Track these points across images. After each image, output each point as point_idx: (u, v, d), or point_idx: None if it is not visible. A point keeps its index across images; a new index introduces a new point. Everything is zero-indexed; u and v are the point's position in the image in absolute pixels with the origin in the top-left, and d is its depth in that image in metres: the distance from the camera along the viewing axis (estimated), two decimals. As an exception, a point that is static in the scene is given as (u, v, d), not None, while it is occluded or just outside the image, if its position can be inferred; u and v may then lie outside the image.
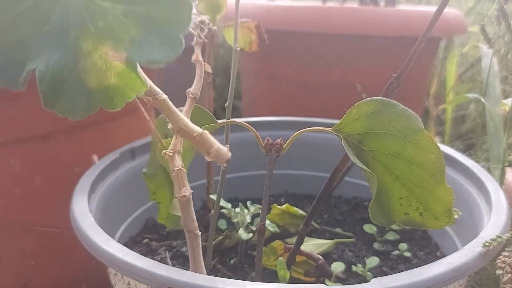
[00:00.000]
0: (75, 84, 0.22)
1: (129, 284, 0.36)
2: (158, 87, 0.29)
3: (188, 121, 0.29)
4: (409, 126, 0.33)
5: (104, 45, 0.21)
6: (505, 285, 0.35)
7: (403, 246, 0.52)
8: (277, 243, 0.47)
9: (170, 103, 0.29)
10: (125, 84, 0.22)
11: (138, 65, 0.22)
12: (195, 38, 0.38)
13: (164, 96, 0.28)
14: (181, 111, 0.31)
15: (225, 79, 1.17)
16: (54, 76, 0.21)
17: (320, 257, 0.46)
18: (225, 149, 0.30)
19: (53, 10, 0.21)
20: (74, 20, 0.21)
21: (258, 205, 0.51)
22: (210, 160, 0.31)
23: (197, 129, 0.29)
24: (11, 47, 0.21)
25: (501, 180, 0.57)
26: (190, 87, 0.35)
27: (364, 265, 0.48)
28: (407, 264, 0.50)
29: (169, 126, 0.30)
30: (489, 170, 0.57)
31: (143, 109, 0.31)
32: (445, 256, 0.36)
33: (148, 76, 0.25)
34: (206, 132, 0.30)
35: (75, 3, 0.21)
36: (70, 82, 0.22)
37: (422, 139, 0.33)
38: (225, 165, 0.33)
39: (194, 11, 0.45)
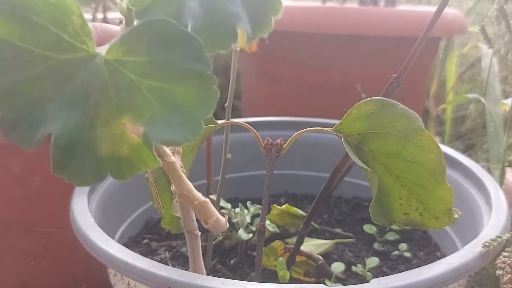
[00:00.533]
0: (87, 150, 0.21)
1: (128, 284, 0.36)
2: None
3: (192, 188, 0.29)
4: (409, 126, 0.33)
5: (123, 116, 0.21)
6: (505, 285, 0.35)
7: (403, 246, 0.52)
8: (277, 243, 0.47)
9: (177, 166, 0.29)
10: (137, 158, 0.22)
11: (152, 144, 0.22)
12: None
13: (172, 159, 0.28)
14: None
15: (225, 79, 1.17)
16: (68, 140, 0.21)
17: (320, 257, 0.46)
18: (223, 220, 0.30)
19: (79, 72, 0.21)
20: (98, 85, 0.21)
21: (258, 205, 0.51)
22: (207, 228, 0.31)
23: (199, 196, 0.30)
24: (29, 104, 0.21)
25: (501, 180, 0.57)
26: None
27: (364, 265, 0.48)
28: (407, 264, 0.50)
29: (173, 188, 0.30)
30: (489, 170, 0.57)
31: (148, 171, 0.30)
32: (445, 256, 0.36)
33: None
34: (207, 200, 0.30)
35: (102, 69, 0.21)
36: (82, 148, 0.21)
37: (423, 139, 0.33)
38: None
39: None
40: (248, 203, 0.52)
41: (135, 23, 0.25)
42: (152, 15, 0.23)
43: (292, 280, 0.45)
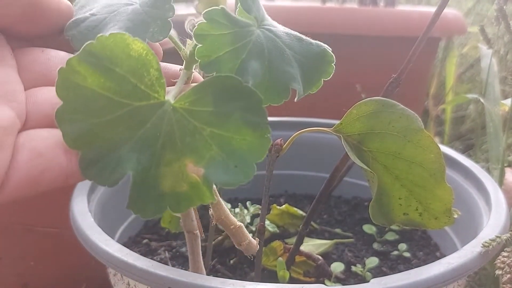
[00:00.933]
0: (151, 186, 0.24)
1: (128, 284, 0.36)
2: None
3: (229, 213, 0.32)
4: (409, 126, 0.33)
5: (186, 158, 0.24)
6: (504, 285, 0.35)
7: (403, 246, 0.52)
8: (276, 243, 0.47)
9: (217, 193, 0.31)
10: (194, 194, 0.24)
11: (212, 183, 0.24)
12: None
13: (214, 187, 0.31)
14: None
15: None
16: (140, 179, 0.24)
17: (320, 257, 0.46)
18: (255, 243, 0.33)
19: (150, 117, 0.23)
20: (165, 130, 0.24)
21: (257, 205, 0.51)
22: (240, 249, 0.34)
23: (235, 221, 0.32)
24: (106, 146, 0.23)
25: (501, 181, 0.57)
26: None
27: (363, 265, 0.49)
28: (407, 264, 0.50)
29: (210, 212, 0.33)
30: (488, 170, 0.57)
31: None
32: (444, 256, 0.36)
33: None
34: (242, 225, 0.33)
35: (169, 115, 0.24)
36: (148, 185, 0.24)
37: (422, 139, 0.33)
38: None
39: (193, 11, 0.45)
40: (247, 203, 0.52)
41: (194, 69, 0.28)
42: (216, 69, 0.26)
43: (292, 280, 0.45)
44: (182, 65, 0.29)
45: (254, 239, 0.35)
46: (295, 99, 0.30)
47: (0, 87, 0.24)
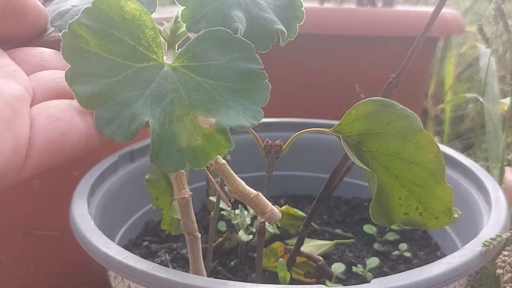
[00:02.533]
0: (169, 142, 0.24)
1: (129, 286, 0.36)
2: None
3: (244, 184, 0.33)
4: (408, 126, 0.33)
5: (195, 111, 0.25)
6: (505, 284, 0.35)
7: (403, 246, 0.52)
8: (277, 245, 0.47)
9: (228, 167, 0.32)
10: (209, 146, 0.25)
11: (227, 128, 0.25)
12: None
13: (223, 161, 0.32)
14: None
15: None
16: (159, 132, 0.24)
17: (320, 258, 0.46)
18: (276, 211, 0.33)
19: (154, 77, 0.25)
20: (170, 88, 0.25)
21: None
22: (263, 219, 0.33)
23: (253, 191, 0.33)
24: (119, 104, 0.24)
25: (500, 179, 0.57)
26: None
27: (364, 265, 0.48)
28: (408, 264, 0.50)
29: (226, 188, 0.33)
30: (488, 169, 0.57)
31: (207, 172, 0.33)
32: (445, 255, 0.36)
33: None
34: (260, 194, 0.33)
35: (171, 75, 0.25)
36: (165, 140, 0.24)
37: (422, 139, 0.33)
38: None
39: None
40: (248, 204, 0.52)
41: (176, 48, 0.29)
42: (204, 26, 0.27)
43: (293, 281, 0.45)
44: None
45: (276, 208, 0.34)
46: (281, 43, 0.31)
47: (1, 69, 0.24)
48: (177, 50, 0.29)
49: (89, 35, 0.24)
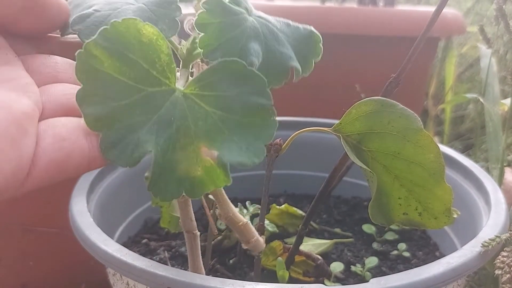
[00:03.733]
0: (169, 170, 0.24)
1: (128, 284, 0.36)
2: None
3: (236, 211, 0.33)
4: (409, 126, 0.33)
5: (199, 141, 0.24)
6: (504, 285, 0.35)
7: (402, 246, 0.52)
8: (276, 243, 0.47)
9: (223, 192, 0.32)
10: (208, 178, 0.25)
11: (228, 164, 0.25)
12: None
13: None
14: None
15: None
16: (160, 161, 0.24)
17: (319, 257, 0.46)
18: (261, 241, 0.34)
19: (164, 103, 0.25)
20: (179, 115, 0.25)
21: (257, 205, 0.51)
22: (247, 248, 0.34)
23: (242, 219, 0.33)
24: (125, 128, 0.24)
25: (500, 180, 0.57)
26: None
27: (363, 265, 0.49)
28: (406, 264, 0.50)
29: (217, 211, 0.33)
30: (488, 170, 0.57)
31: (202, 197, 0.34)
32: (444, 256, 0.36)
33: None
34: (249, 222, 0.33)
35: (181, 101, 0.25)
36: (166, 168, 0.24)
37: (422, 139, 0.33)
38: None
39: (192, 11, 0.45)
40: (247, 203, 0.52)
41: (191, 67, 0.29)
42: (220, 55, 0.27)
43: (291, 280, 0.45)
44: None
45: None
46: (294, 79, 0.31)
47: (12, 82, 0.24)
48: (191, 71, 0.29)
49: (104, 56, 0.24)
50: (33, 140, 0.23)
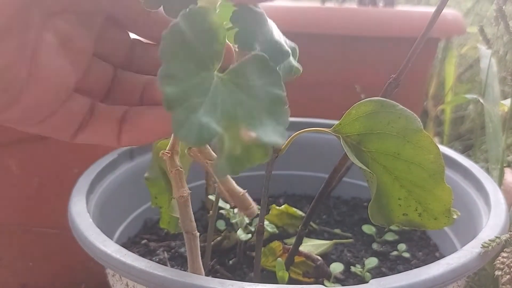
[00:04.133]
0: (221, 151, 0.26)
1: (127, 285, 0.36)
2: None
3: (234, 184, 0.35)
4: (408, 127, 0.33)
5: (239, 123, 0.27)
6: (504, 286, 0.35)
7: (402, 246, 0.52)
8: (275, 244, 0.47)
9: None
10: (246, 157, 0.27)
11: (266, 142, 0.27)
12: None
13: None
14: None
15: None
16: (220, 144, 0.26)
17: (319, 257, 0.46)
18: (256, 208, 0.36)
19: (209, 87, 0.27)
20: (221, 98, 0.27)
21: (257, 206, 0.51)
22: (244, 214, 0.36)
23: (241, 190, 0.35)
24: (189, 108, 0.26)
25: (500, 181, 0.57)
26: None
27: (363, 265, 0.48)
28: (406, 264, 0.50)
29: (218, 187, 0.35)
30: (488, 170, 0.57)
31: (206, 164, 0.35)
32: (444, 256, 0.36)
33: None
34: (246, 193, 0.35)
35: (221, 87, 0.27)
36: (220, 149, 0.26)
37: (421, 139, 0.33)
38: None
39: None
40: (247, 203, 0.52)
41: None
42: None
43: (291, 281, 0.45)
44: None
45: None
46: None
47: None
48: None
49: (181, 38, 0.26)
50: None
